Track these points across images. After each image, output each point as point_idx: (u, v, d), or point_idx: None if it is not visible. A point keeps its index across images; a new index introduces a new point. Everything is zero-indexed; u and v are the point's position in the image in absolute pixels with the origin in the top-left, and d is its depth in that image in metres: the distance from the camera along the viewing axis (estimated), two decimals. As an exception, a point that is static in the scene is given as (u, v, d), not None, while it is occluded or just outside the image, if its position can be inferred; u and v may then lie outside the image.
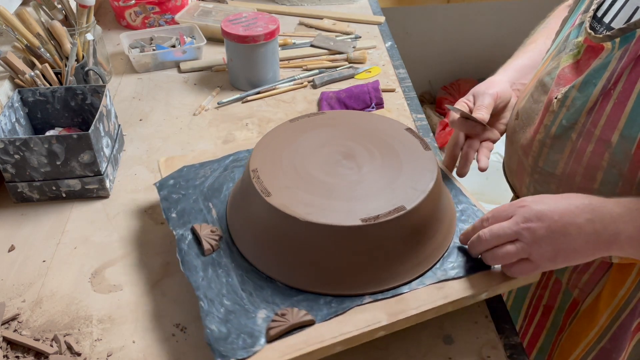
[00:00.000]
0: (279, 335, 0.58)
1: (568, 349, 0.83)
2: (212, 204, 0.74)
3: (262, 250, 0.66)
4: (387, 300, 0.62)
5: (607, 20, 0.65)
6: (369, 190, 0.66)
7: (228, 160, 0.81)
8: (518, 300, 0.90)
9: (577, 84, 0.66)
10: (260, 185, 0.66)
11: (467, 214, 0.74)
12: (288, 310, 0.60)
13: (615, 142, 0.62)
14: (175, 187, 0.77)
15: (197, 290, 0.63)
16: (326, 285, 0.63)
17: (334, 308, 0.61)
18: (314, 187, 0.66)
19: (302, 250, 0.63)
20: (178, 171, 0.79)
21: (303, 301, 0.62)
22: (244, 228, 0.69)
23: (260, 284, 0.64)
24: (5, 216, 0.84)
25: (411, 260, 0.64)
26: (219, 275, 0.65)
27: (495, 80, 0.84)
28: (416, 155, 0.72)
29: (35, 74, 0.95)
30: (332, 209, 0.63)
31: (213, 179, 0.78)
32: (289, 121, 0.77)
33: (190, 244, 0.69)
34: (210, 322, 0.59)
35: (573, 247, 0.58)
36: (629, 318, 0.77)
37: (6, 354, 0.64)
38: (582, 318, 0.80)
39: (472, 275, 0.64)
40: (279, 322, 0.58)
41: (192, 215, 0.73)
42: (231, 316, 0.60)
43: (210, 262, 0.66)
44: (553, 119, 0.69)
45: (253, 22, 1.11)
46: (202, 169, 0.80)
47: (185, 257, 0.67)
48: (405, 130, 0.76)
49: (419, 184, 0.67)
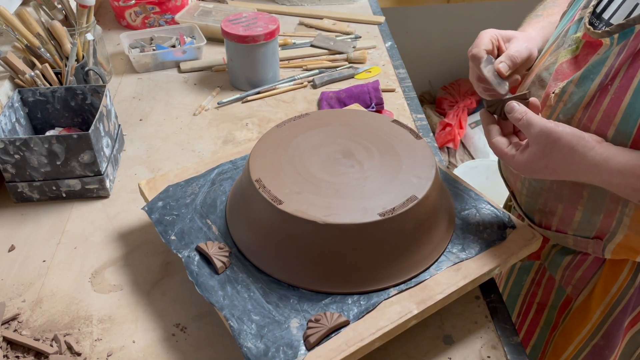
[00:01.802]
0: (319, 341, 0.58)
1: (561, 345, 0.84)
2: (210, 220, 0.72)
3: (281, 260, 0.65)
4: (412, 289, 0.63)
5: (606, 17, 0.65)
6: (376, 185, 0.67)
7: (213, 174, 0.79)
8: (512, 298, 0.90)
9: (575, 79, 0.66)
10: (268, 195, 0.65)
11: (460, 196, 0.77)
12: (321, 315, 0.60)
13: (611, 137, 0.62)
14: (165, 208, 0.74)
15: (223, 311, 0.61)
16: (352, 284, 0.63)
17: (364, 305, 0.61)
18: (322, 189, 0.66)
19: (323, 253, 0.63)
20: (164, 192, 0.76)
21: (332, 304, 0.62)
22: (256, 241, 0.67)
23: (284, 294, 0.63)
24: (5, 216, 0.84)
25: (427, 247, 0.66)
26: (239, 292, 0.63)
27: (533, 38, 0.76)
28: (410, 146, 0.73)
29: (36, 74, 0.95)
30: (347, 208, 0.63)
31: (203, 195, 0.76)
32: (276, 127, 0.76)
33: (200, 264, 0.66)
34: (245, 340, 0.58)
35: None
36: (621, 315, 0.78)
37: (6, 354, 0.64)
38: (575, 315, 0.81)
39: (482, 253, 0.67)
40: (315, 328, 0.58)
41: (193, 234, 0.70)
42: (264, 331, 0.59)
43: (226, 279, 0.65)
44: (550, 113, 0.69)
45: (253, 22, 1.11)
46: (189, 186, 0.77)
47: (199, 279, 0.64)
48: (392, 123, 0.77)
49: (422, 172, 0.68)
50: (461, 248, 0.68)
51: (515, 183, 0.80)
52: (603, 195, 0.67)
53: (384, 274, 0.64)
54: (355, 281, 0.63)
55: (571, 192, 0.70)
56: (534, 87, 0.74)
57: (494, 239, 0.69)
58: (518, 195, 0.80)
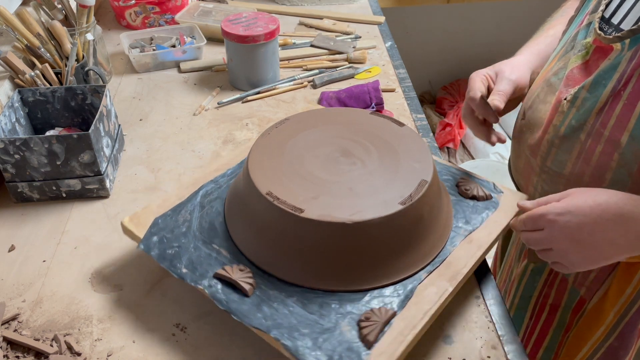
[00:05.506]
0: (377, 338, 0.58)
1: (575, 347, 0.83)
2: (215, 244, 0.69)
3: (312, 268, 0.64)
4: (438, 269, 0.66)
5: (615, 22, 0.65)
6: (384, 177, 0.68)
7: (198, 197, 0.75)
8: (524, 299, 0.90)
9: (586, 84, 0.66)
10: (286, 205, 0.63)
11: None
12: (370, 313, 0.60)
13: (625, 143, 0.62)
14: (163, 242, 0.69)
15: (271, 332, 0.59)
16: (387, 276, 0.64)
17: (403, 294, 0.63)
18: (335, 190, 0.66)
19: (355, 252, 0.63)
20: (153, 226, 0.71)
21: (372, 300, 0.62)
22: (278, 254, 0.65)
23: (323, 301, 0.62)
24: (5, 216, 0.84)
25: (440, 225, 0.69)
26: (277, 309, 0.61)
27: (520, 63, 0.81)
28: (398, 134, 0.75)
29: (36, 74, 0.95)
30: (368, 204, 0.64)
31: (198, 221, 0.72)
32: (261, 136, 0.75)
33: (225, 291, 0.63)
34: (306, 356, 0.56)
35: (604, 257, 0.59)
36: (636, 316, 0.77)
37: (6, 354, 0.64)
38: (589, 316, 0.80)
39: (485, 222, 0.72)
40: (370, 327, 0.58)
41: (204, 263, 0.66)
42: (319, 341, 0.58)
43: (258, 300, 0.62)
44: (562, 119, 0.69)
45: (253, 22, 1.11)
46: (177, 215, 0.72)
47: (231, 306, 0.62)
48: (371, 115, 0.79)
49: (420, 156, 0.71)
50: (465, 221, 0.72)
51: (528, 187, 0.79)
52: None
53: (413, 259, 0.65)
54: (389, 273, 0.64)
55: None
56: (543, 93, 0.74)
57: (488, 207, 0.74)
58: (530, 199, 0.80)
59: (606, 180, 0.67)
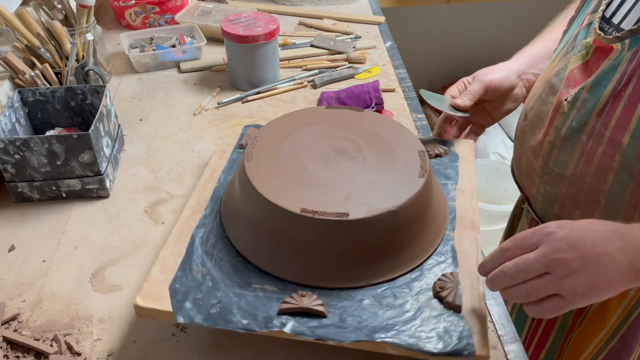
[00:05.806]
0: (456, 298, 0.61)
1: (577, 349, 0.83)
2: (254, 283, 0.64)
3: (365, 268, 0.64)
4: (458, 224, 0.70)
5: (615, 21, 0.65)
6: (386, 170, 0.69)
7: (198, 248, 0.68)
8: None
9: (587, 85, 0.66)
10: (327, 215, 0.62)
11: None
12: (442, 281, 0.63)
13: (627, 144, 0.62)
14: (199, 305, 0.61)
15: (375, 338, 0.58)
16: (406, 265, 0.66)
17: (449, 255, 0.67)
18: (346, 190, 0.66)
19: (394, 241, 0.65)
20: (175, 293, 0.62)
21: (431, 269, 0.66)
22: (322, 266, 0.64)
23: (390, 292, 0.64)
24: (5, 216, 0.84)
25: (443, 216, 0.71)
26: (360, 316, 0.61)
27: (500, 67, 0.86)
28: (386, 125, 0.76)
29: (35, 74, 0.95)
30: (384, 199, 0.64)
31: (216, 270, 0.66)
32: (240, 150, 0.73)
33: (301, 322, 0.60)
34: (423, 347, 0.57)
35: (608, 279, 0.52)
36: (639, 317, 0.77)
37: (6, 354, 0.64)
38: (591, 318, 0.80)
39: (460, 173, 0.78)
40: (451, 293, 0.62)
41: (258, 305, 0.61)
42: (418, 332, 0.59)
43: (337, 316, 0.60)
44: (563, 120, 0.69)
45: (253, 22, 1.11)
46: (189, 273, 0.65)
47: (319, 333, 0.58)
48: (329, 109, 0.80)
49: (412, 144, 0.72)
50: (445, 177, 0.76)
51: (530, 189, 0.79)
52: (621, 200, 0.67)
53: (420, 246, 0.67)
54: (408, 262, 0.66)
55: (588, 198, 0.70)
56: (545, 94, 0.74)
57: (452, 160, 0.80)
58: (533, 201, 0.80)
59: (608, 181, 0.66)
